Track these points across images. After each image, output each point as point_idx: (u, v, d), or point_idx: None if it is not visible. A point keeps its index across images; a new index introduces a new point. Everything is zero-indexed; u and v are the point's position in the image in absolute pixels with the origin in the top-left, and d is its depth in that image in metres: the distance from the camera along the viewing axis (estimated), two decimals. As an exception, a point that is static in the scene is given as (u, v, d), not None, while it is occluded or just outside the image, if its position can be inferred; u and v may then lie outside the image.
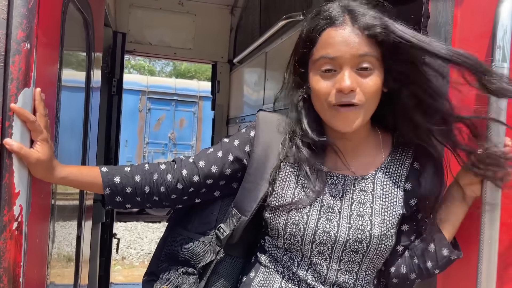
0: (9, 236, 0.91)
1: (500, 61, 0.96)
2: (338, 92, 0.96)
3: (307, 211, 1.03)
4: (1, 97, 0.89)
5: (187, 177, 1.12)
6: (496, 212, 0.97)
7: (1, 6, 0.88)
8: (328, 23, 0.98)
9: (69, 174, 1.04)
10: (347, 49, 0.95)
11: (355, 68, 0.96)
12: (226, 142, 1.14)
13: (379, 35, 0.94)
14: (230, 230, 1.10)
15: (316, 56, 0.99)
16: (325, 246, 1.02)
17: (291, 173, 1.07)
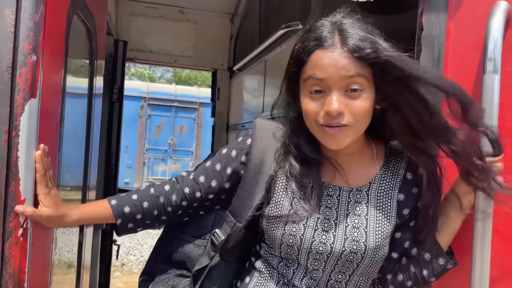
0: (14, 242, 0.93)
1: (492, 73, 0.99)
2: (326, 114, 0.96)
3: (304, 222, 1.05)
4: (9, 107, 0.91)
5: (190, 194, 1.16)
6: (488, 220, 0.99)
7: (9, 20, 0.91)
8: (317, 44, 0.98)
9: (81, 216, 1.09)
10: (335, 71, 0.95)
11: (344, 90, 0.96)
12: (224, 154, 1.16)
13: (368, 58, 0.95)
14: (225, 236, 1.12)
15: (305, 75, 1.00)
16: (321, 256, 1.04)
17: (289, 184, 1.09)
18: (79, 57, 1.48)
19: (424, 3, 1.13)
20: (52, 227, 1.03)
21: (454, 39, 1.11)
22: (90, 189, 1.73)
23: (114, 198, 1.15)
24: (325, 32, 0.99)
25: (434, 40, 1.12)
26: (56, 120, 1.13)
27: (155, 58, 4.07)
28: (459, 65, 1.11)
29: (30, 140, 0.94)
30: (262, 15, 3.49)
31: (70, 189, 1.46)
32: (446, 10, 1.12)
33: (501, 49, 0.99)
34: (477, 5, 1.09)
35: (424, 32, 1.13)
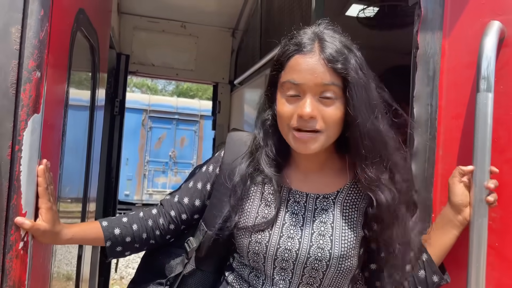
0: (15, 255, 0.94)
1: (485, 91, 1.01)
2: (299, 118, 0.99)
3: (269, 229, 1.06)
4: (12, 122, 0.93)
5: (176, 217, 1.18)
6: (484, 236, 1.00)
7: (14, 38, 0.94)
8: (297, 49, 1.01)
9: (74, 235, 1.10)
10: (311, 78, 0.99)
11: (318, 96, 1.00)
12: (204, 171, 1.19)
13: (339, 71, 0.98)
14: (197, 244, 1.14)
15: (283, 79, 1.03)
16: (287, 263, 1.05)
17: (256, 191, 1.11)
18: (82, 71, 1.51)
19: (420, 22, 1.16)
20: (44, 243, 1.03)
21: (449, 58, 1.13)
22: (90, 201, 1.74)
23: (105, 220, 1.16)
24: (305, 38, 1.02)
25: (429, 59, 1.14)
26: (58, 134, 1.15)
27: (157, 71, 4.11)
28: (454, 83, 1.13)
29: (33, 154, 0.96)
30: (263, 30, 3.54)
31: (70, 201, 1.47)
32: (440, 29, 1.14)
33: (494, 68, 1.01)
34: (471, 25, 1.11)
35: (419, 51, 1.15)
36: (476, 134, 1.01)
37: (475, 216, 1.01)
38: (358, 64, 1.01)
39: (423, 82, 1.14)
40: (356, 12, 3.25)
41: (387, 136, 1.02)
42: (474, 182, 1.01)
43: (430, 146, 1.13)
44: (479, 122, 1.00)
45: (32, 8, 0.94)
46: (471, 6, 1.12)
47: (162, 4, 3.72)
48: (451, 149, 1.12)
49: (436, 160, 1.13)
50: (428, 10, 1.15)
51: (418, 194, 1.11)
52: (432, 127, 1.13)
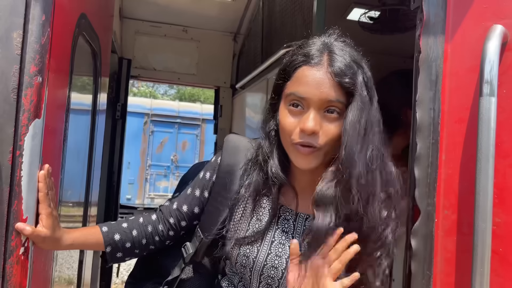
0: (15, 261, 0.94)
1: (488, 95, 1.00)
2: (301, 132, 0.97)
3: (258, 245, 1.05)
4: (13, 127, 0.93)
5: (176, 224, 1.18)
6: (487, 241, 0.99)
7: (16, 43, 0.94)
8: (304, 60, 1.00)
9: (75, 240, 1.10)
10: (316, 92, 0.96)
11: (322, 111, 0.98)
12: (201, 178, 1.18)
13: (346, 86, 0.96)
14: (193, 249, 1.15)
15: (288, 90, 1.01)
16: (272, 280, 1.04)
17: (249, 204, 1.09)
18: (83, 76, 1.51)
19: (422, 27, 1.15)
20: (45, 249, 1.03)
21: (451, 62, 1.13)
22: (91, 205, 1.74)
23: (105, 225, 1.16)
24: (314, 49, 1.01)
25: (432, 63, 1.14)
26: (60, 139, 1.15)
27: (158, 75, 4.12)
28: (457, 87, 1.12)
29: (34, 159, 0.96)
30: (264, 35, 3.54)
31: (72, 205, 1.47)
32: (443, 33, 1.14)
33: (497, 72, 1.01)
34: (473, 29, 1.11)
35: (421, 55, 1.14)
36: (480, 138, 1.00)
37: (479, 221, 1.00)
38: (365, 81, 0.99)
39: (426, 86, 1.14)
40: (357, 16, 3.26)
41: (367, 164, 0.99)
42: (477, 187, 1.00)
43: (433, 151, 1.12)
44: (483, 127, 0.99)
45: (33, 13, 0.94)
46: (474, 10, 1.12)
47: (164, 9, 3.74)
48: (454, 154, 1.11)
49: (439, 165, 1.12)
50: (430, 14, 1.14)
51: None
52: (435, 132, 1.12)
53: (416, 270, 1.13)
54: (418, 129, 1.14)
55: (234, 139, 1.18)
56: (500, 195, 1.03)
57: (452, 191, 1.11)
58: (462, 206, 1.09)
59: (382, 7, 3.11)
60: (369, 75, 1.02)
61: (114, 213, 3.36)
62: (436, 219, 1.12)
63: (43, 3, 0.95)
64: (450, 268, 1.10)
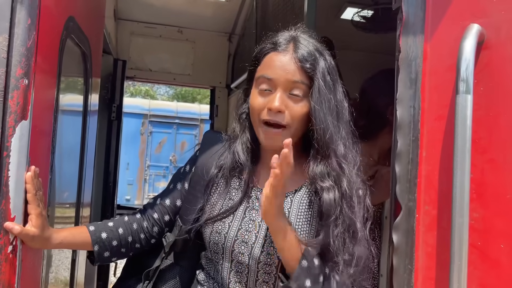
0: (4, 259, 0.96)
1: (464, 93, 1.02)
2: (268, 110, 1.06)
3: (229, 221, 1.11)
4: (0, 129, 0.96)
5: (159, 219, 1.22)
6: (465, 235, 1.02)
7: (2, 46, 0.96)
8: (273, 47, 1.11)
9: (63, 239, 1.12)
10: (282, 74, 1.07)
11: (287, 92, 1.07)
12: (182, 171, 1.25)
13: (307, 71, 1.07)
14: (173, 238, 1.19)
15: (258, 74, 1.11)
16: (243, 256, 1.09)
17: (223, 185, 1.16)
18: (73, 77, 1.53)
19: (402, 26, 1.18)
20: (34, 247, 1.05)
21: (431, 61, 1.15)
22: (84, 206, 1.76)
23: (92, 225, 1.19)
24: (282, 38, 1.12)
25: (412, 62, 1.16)
26: (48, 140, 1.17)
27: (154, 76, 4.14)
28: (436, 85, 1.14)
29: (21, 160, 0.98)
30: (259, 35, 3.56)
31: (63, 206, 1.49)
32: (422, 33, 1.16)
33: (473, 70, 1.03)
34: (451, 28, 1.13)
35: (401, 54, 1.17)
36: (456, 135, 1.02)
37: (456, 216, 1.02)
38: (327, 68, 1.10)
39: (406, 85, 1.16)
40: (351, 15, 3.28)
41: (341, 138, 1.09)
42: (455, 182, 1.02)
43: (413, 148, 1.15)
44: (459, 124, 1.02)
45: (19, 17, 0.97)
46: (452, 9, 1.14)
47: (158, 9, 3.76)
48: (434, 151, 1.14)
49: (419, 161, 1.15)
50: (410, 14, 1.17)
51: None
52: (415, 129, 1.15)
53: (398, 264, 1.15)
54: (398, 126, 1.16)
55: (212, 133, 1.28)
56: (478, 190, 1.06)
57: (432, 187, 1.13)
58: (442, 202, 1.12)
59: (375, 6, 3.14)
60: (332, 64, 1.13)
61: (111, 214, 3.38)
62: (417, 215, 1.15)
63: (28, 8, 0.97)
64: (431, 262, 1.12)
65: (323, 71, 1.09)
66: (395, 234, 1.16)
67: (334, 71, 1.13)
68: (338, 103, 1.11)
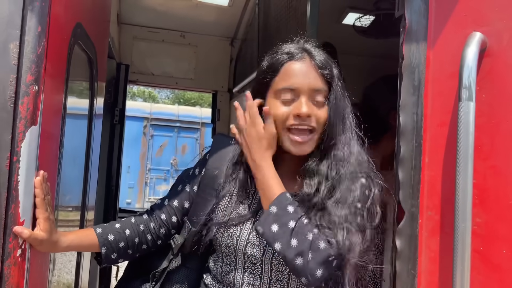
0: (13, 262, 0.97)
1: (467, 100, 1.04)
2: (296, 117, 1.09)
3: (241, 225, 1.13)
4: (10, 134, 0.97)
5: (167, 220, 1.23)
6: (468, 240, 1.03)
7: (12, 53, 0.98)
8: (289, 57, 1.12)
9: (71, 242, 1.14)
10: (305, 82, 1.10)
11: (310, 99, 1.10)
12: (191, 174, 1.26)
13: (328, 77, 1.11)
14: (181, 240, 1.20)
15: (279, 86, 1.12)
16: (255, 258, 1.10)
17: (234, 190, 1.18)
18: (80, 82, 1.55)
19: (405, 34, 1.19)
20: (42, 251, 1.07)
21: (433, 68, 1.17)
22: (88, 209, 1.78)
23: (99, 227, 1.21)
24: (294, 49, 1.14)
25: (414, 69, 1.18)
26: (56, 144, 1.19)
27: (156, 80, 4.16)
28: (438, 92, 1.16)
29: (30, 165, 0.99)
30: (261, 39, 3.59)
31: (68, 209, 1.51)
32: (425, 41, 1.18)
33: (475, 77, 1.05)
34: (454, 36, 1.15)
35: (404, 61, 1.18)
36: (459, 141, 1.04)
37: (459, 221, 1.03)
38: (338, 75, 1.14)
39: (409, 91, 1.17)
40: (352, 21, 3.31)
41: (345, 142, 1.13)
42: (457, 188, 1.03)
43: (416, 154, 1.16)
44: (461, 130, 1.03)
45: (29, 25, 0.98)
46: (454, 17, 1.16)
47: (161, 14, 3.78)
48: (437, 156, 1.15)
49: (422, 167, 1.16)
50: (413, 21, 1.19)
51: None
52: (418, 135, 1.16)
53: (401, 270, 1.16)
54: (401, 132, 1.18)
55: (222, 138, 1.29)
56: (481, 195, 1.07)
57: (435, 192, 1.15)
58: (445, 207, 1.13)
59: (377, 12, 3.16)
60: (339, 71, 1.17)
61: (113, 217, 3.39)
62: (420, 220, 1.16)
63: (38, 15, 0.99)
64: (434, 267, 1.14)
65: (338, 77, 1.14)
66: (398, 239, 1.17)
67: (341, 77, 1.17)
68: (347, 107, 1.15)
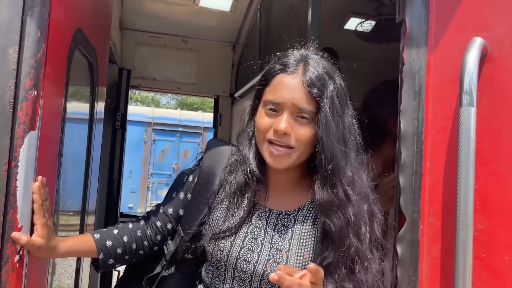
0: (11, 268, 0.97)
1: (468, 105, 1.03)
2: (274, 132, 1.06)
3: (232, 239, 1.11)
4: (9, 139, 0.97)
5: (162, 227, 1.23)
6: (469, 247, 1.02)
7: (12, 58, 0.98)
8: (282, 69, 1.09)
9: (69, 248, 1.13)
10: (290, 98, 1.06)
11: (294, 115, 1.06)
12: (185, 181, 1.25)
13: (315, 96, 1.05)
14: (174, 247, 1.19)
15: (266, 97, 1.11)
16: (245, 274, 1.09)
17: (226, 201, 1.16)
18: (80, 87, 1.55)
19: (405, 39, 1.19)
20: (40, 257, 1.06)
21: (434, 73, 1.16)
22: (89, 214, 1.77)
23: (97, 233, 1.20)
24: (292, 60, 1.10)
25: (415, 74, 1.17)
26: (55, 150, 1.19)
27: (158, 85, 4.16)
28: (439, 97, 1.15)
29: (29, 170, 0.99)
30: (262, 45, 3.59)
31: (68, 214, 1.50)
32: (426, 46, 1.17)
33: (476, 83, 1.04)
34: (455, 41, 1.14)
35: (405, 66, 1.18)
36: (460, 147, 1.03)
37: (460, 227, 1.02)
38: (336, 91, 1.08)
39: (410, 96, 1.17)
40: (354, 26, 3.31)
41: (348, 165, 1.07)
42: (458, 194, 1.03)
43: (417, 159, 1.15)
44: (462, 136, 1.02)
45: (29, 30, 0.98)
46: (455, 22, 1.15)
47: (163, 19, 3.79)
48: (438, 162, 1.14)
49: (423, 173, 1.15)
50: (413, 27, 1.18)
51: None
52: (419, 141, 1.16)
53: (402, 276, 1.15)
54: (402, 138, 1.17)
55: (215, 143, 1.27)
56: (482, 202, 1.06)
57: (436, 198, 1.14)
58: (446, 213, 1.12)
59: (378, 17, 3.16)
60: (342, 86, 1.11)
61: (114, 222, 3.38)
62: (421, 226, 1.15)
63: (38, 21, 0.99)
64: (435, 274, 1.12)
65: (332, 95, 1.06)
66: (399, 246, 1.16)
67: (344, 94, 1.11)
68: (346, 127, 1.08)
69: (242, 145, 1.18)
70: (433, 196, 1.14)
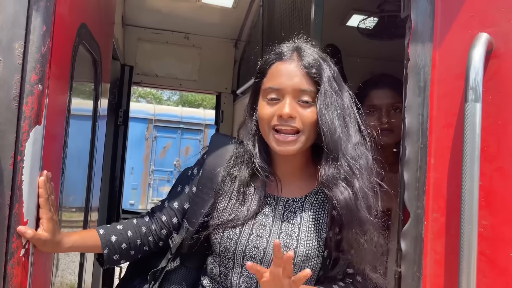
0: (16, 262, 0.97)
1: (473, 101, 1.03)
2: (279, 117, 1.08)
3: (240, 227, 1.13)
4: (15, 134, 0.97)
5: (168, 222, 1.23)
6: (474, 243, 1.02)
7: (17, 53, 0.98)
8: (277, 57, 1.13)
9: (74, 243, 1.13)
10: (290, 83, 1.08)
11: (296, 100, 1.09)
12: (189, 175, 1.26)
13: (314, 77, 1.08)
14: (179, 240, 1.20)
15: (265, 86, 1.13)
16: (255, 261, 1.10)
17: (233, 190, 1.17)
18: (84, 82, 1.55)
19: (410, 35, 1.19)
20: (45, 251, 1.06)
21: (439, 69, 1.16)
22: (92, 210, 1.78)
23: (101, 228, 1.21)
24: (286, 49, 1.14)
25: (420, 70, 1.17)
26: (60, 144, 1.19)
27: (160, 82, 4.16)
28: (444, 93, 1.15)
29: (34, 164, 0.99)
30: (265, 41, 3.58)
31: (72, 210, 1.51)
32: (431, 41, 1.17)
33: (482, 78, 1.04)
34: (460, 37, 1.14)
35: (410, 62, 1.17)
36: (465, 143, 1.03)
37: (465, 223, 1.02)
38: (332, 74, 1.12)
39: (414, 92, 1.17)
40: (356, 23, 3.30)
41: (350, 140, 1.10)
42: (463, 190, 1.03)
43: (422, 155, 1.15)
44: (468, 132, 1.02)
45: (34, 25, 0.99)
46: (460, 18, 1.15)
47: (166, 16, 3.79)
48: (443, 158, 1.14)
49: (428, 169, 1.15)
50: (419, 22, 1.18)
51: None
52: (424, 136, 1.15)
53: (406, 272, 1.15)
54: (407, 134, 1.17)
55: (220, 137, 1.29)
56: (487, 198, 1.06)
57: (441, 194, 1.14)
58: (451, 209, 1.12)
59: (381, 14, 3.15)
60: (336, 72, 1.15)
61: (117, 218, 3.39)
62: (425, 222, 1.15)
63: (43, 15, 0.99)
64: (440, 270, 1.13)
65: (329, 76, 1.10)
66: (403, 241, 1.16)
67: (339, 78, 1.15)
68: (345, 107, 1.12)
69: (246, 141, 1.19)
70: (437, 192, 1.14)
